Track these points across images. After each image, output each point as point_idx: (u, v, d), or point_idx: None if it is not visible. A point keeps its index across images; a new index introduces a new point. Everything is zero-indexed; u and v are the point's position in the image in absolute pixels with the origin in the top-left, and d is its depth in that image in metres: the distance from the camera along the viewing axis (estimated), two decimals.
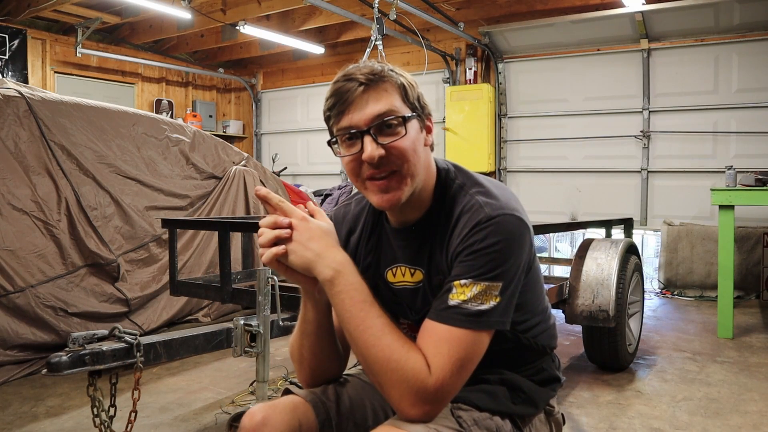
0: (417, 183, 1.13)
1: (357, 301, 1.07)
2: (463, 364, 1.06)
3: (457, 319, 1.06)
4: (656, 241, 7.02)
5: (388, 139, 1.09)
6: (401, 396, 1.04)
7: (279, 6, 6.60)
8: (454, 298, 1.07)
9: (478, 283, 1.07)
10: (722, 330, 4.25)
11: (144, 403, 2.72)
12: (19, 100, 3.62)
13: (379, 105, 1.09)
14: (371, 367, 1.07)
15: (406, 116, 1.10)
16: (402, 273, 1.24)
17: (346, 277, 1.08)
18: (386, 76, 1.11)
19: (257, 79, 9.61)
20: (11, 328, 3.30)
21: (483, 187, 1.17)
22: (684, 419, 2.76)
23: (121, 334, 1.54)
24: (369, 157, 1.07)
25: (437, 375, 1.04)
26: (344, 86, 1.09)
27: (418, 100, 1.15)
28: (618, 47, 6.66)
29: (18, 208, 3.48)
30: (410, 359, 1.05)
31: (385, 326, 1.07)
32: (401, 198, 1.11)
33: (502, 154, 7.48)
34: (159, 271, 4.23)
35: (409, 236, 1.22)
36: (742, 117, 6.07)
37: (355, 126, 1.09)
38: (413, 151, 1.11)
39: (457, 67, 7.65)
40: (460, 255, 1.10)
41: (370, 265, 1.28)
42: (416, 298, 1.22)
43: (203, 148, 4.78)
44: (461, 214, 1.14)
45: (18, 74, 7.07)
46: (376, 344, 1.06)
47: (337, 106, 1.10)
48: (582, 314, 3.15)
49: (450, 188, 1.19)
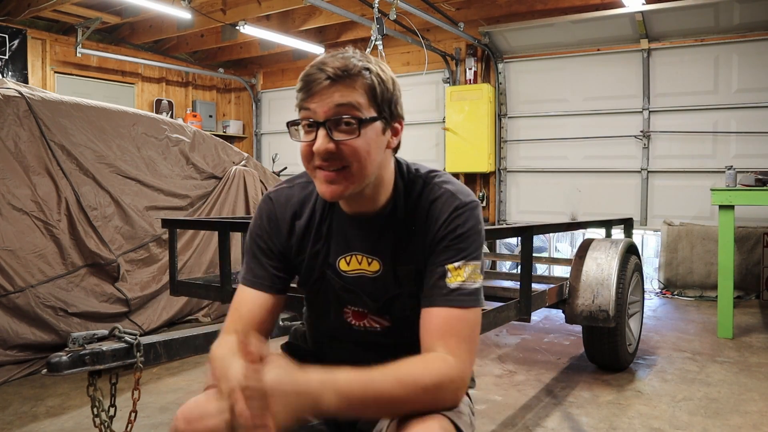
0: (367, 181, 1.14)
1: (360, 381, 1.01)
2: (474, 339, 1.13)
3: (463, 300, 1.13)
4: (656, 241, 7.02)
5: (342, 136, 1.09)
6: (443, 402, 1.06)
7: (279, 6, 6.60)
8: (453, 281, 1.13)
9: (469, 264, 1.15)
10: (722, 330, 4.25)
11: (144, 403, 2.72)
12: (19, 100, 3.62)
13: (341, 99, 1.08)
14: (405, 408, 1.03)
15: (363, 118, 1.09)
16: (358, 261, 1.24)
17: (340, 381, 1.00)
18: (357, 75, 1.09)
19: (257, 79, 9.61)
20: (11, 328, 3.30)
21: (442, 178, 1.24)
22: (684, 419, 2.76)
23: (121, 334, 1.53)
24: (317, 150, 1.09)
25: (461, 358, 1.09)
26: (314, 75, 1.09)
27: (389, 103, 1.14)
28: (618, 47, 6.66)
29: (18, 208, 3.48)
30: (427, 368, 1.06)
31: (382, 369, 1.04)
32: (344, 193, 1.12)
33: (502, 154, 7.48)
34: (159, 271, 4.23)
35: (368, 226, 1.23)
36: (742, 117, 6.07)
37: (314, 116, 1.09)
38: (366, 152, 1.11)
39: (457, 67, 7.65)
40: (445, 240, 1.16)
41: (319, 252, 1.26)
42: (375, 286, 1.24)
43: (203, 148, 4.78)
44: (433, 203, 1.19)
45: (18, 74, 7.07)
46: (392, 387, 1.02)
47: (303, 92, 1.10)
48: (582, 314, 3.15)
49: (414, 182, 1.24)
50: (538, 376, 3.43)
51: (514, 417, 2.81)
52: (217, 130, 9.38)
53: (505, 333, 4.43)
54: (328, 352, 1.38)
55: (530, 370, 3.53)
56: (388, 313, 1.27)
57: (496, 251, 6.69)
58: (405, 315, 1.25)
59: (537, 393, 3.14)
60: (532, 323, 4.59)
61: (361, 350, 1.32)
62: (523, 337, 4.32)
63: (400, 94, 1.18)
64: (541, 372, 3.50)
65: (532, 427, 2.69)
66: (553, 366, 3.62)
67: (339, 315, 1.30)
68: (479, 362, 3.68)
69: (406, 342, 1.30)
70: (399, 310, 1.26)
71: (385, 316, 1.27)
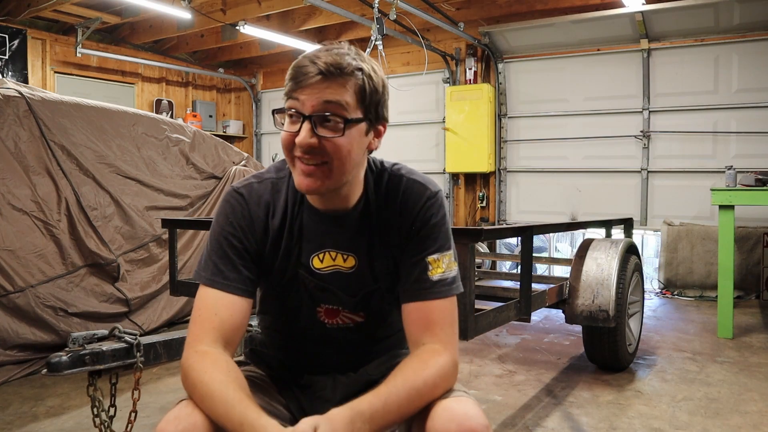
0: (344, 179, 1.15)
1: (380, 402, 1.05)
2: (455, 323, 1.20)
3: (446, 290, 1.18)
4: (656, 241, 7.02)
5: (326, 132, 1.09)
6: (444, 389, 1.12)
7: (279, 6, 6.60)
8: (434, 274, 1.18)
9: (445, 254, 1.20)
10: (722, 330, 4.25)
11: (144, 403, 2.72)
12: (19, 100, 3.62)
13: (330, 97, 1.08)
14: (422, 406, 1.09)
15: (348, 119, 1.10)
16: (332, 258, 1.24)
17: (364, 410, 1.03)
18: (349, 74, 1.09)
19: (257, 79, 9.61)
20: (11, 328, 3.30)
21: (406, 169, 1.26)
22: (684, 419, 2.76)
23: (121, 334, 1.53)
24: (300, 142, 1.09)
25: (450, 344, 1.15)
26: (306, 68, 1.08)
27: (376, 105, 1.14)
28: (618, 47, 6.66)
29: (18, 208, 3.48)
30: (427, 365, 1.10)
31: (392, 383, 1.08)
32: (320, 188, 1.13)
33: (502, 154, 7.48)
34: (159, 271, 4.23)
35: (342, 223, 1.23)
36: (742, 117, 6.07)
37: (300, 108, 1.09)
38: (347, 152, 1.11)
39: (457, 67, 7.65)
40: (421, 230, 1.19)
41: (291, 252, 1.24)
42: (351, 282, 1.24)
43: (203, 148, 4.78)
44: (404, 194, 1.22)
45: (18, 74, 7.07)
46: (408, 395, 1.07)
47: (293, 82, 1.10)
48: (582, 314, 3.15)
49: (381, 175, 1.25)
50: (538, 376, 3.43)
51: (514, 417, 2.81)
52: (217, 130, 9.38)
53: (505, 333, 4.43)
54: (297, 354, 1.35)
55: (530, 370, 3.53)
56: (365, 308, 1.27)
57: (496, 251, 6.69)
58: (381, 309, 1.27)
59: (537, 393, 3.14)
60: (532, 323, 4.59)
61: (332, 348, 1.31)
62: (523, 337, 4.32)
63: (388, 97, 1.18)
64: (541, 372, 3.50)
65: (532, 427, 2.69)
66: (553, 366, 3.62)
67: (311, 314, 1.28)
68: (479, 362, 3.68)
69: (379, 336, 1.32)
70: (376, 305, 1.27)
71: (360, 312, 1.27)
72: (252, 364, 1.40)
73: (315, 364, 1.33)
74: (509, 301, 2.61)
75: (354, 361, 1.33)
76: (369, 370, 1.34)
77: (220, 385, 1.03)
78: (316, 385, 1.33)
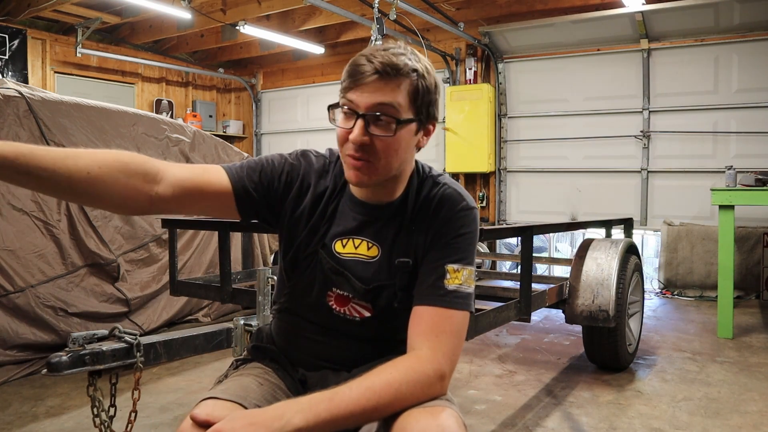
0: (390, 174, 1.19)
1: (325, 397, 1.03)
2: (459, 339, 1.16)
3: (458, 303, 1.16)
4: (656, 241, 7.02)
5: (378, 131, 1.12)
6: (425, 395, 1.08)
7: (279, 6, 6.60)
8: (451, 283, 1.16)
9: (466, 268, 1.19)
10: (722, 330, 4.25)
11: (144, 403, 2.72)
12: (19, 100, 3.62)
13: (384, 98, 1.11)
14: (386, 410, 1.05)
15: (401, 119, 1.13)
16: (355, 245, 1.26)
17: (302, 401, 1.02)
18: (404, 74, 1.12)
19: (257, 79, 9.61)
20: (11, 328, 3.30)
21: (448, 180, 1.28)
22: (684, 419, 2.76)
23: (121, 334, 1.53)
24: (353, 139, 1.12)
25: (439, 352, 1.11)
26: (362, 66, 1.11)
27: (428, 106, 1.18)
28: (618, 47, 6.66)
29: (18, 208, 3.48)
30: (396, 368, 1.08)
31: (351, 381, 1.06)
32: (368, 182, 1.17)
33: (502, 154, 7.48)
34: (159, 271, 4.23)
35: (377, 214, 1.25)
36: (742, 117, 6.07)
37: (355, 106, 1.12)
38: (395, 151, 1.15)
39: (457, 67, 7.65)
40: (446, 236, 1.20)
41: (317, 230, 1.26)
42: (368, 270, 1.25)
43: (203, 148, 4.78)
44: (440, 201, 1.23)
45: (18, 74, 7.07)
46: (375, 394, 1.04)
47: (349, 80, 1.13)
48: (582, 314, 3.15)
49: (425, 180, 1.28)
50: (538, 376, 3.43)
51: (514, 417, 2.81)
52: (217, 130, 9.38)
53: (505, 333, 4.43)
54: (297, 339, 1.35)
55: (530, 370, 3.53)
56: (374, 301, 1.26)
57: (496, 251, 6.69)
58: (390, 306, 1.26)
59: (537, 393, 3.14)
60: (532, 323, 4.59)
61: (333, 339, 1.30)
62: (523, 337, 4.32)
63: (439, 96, 1.22)
64: (541, 372, 3.50)
65: (532, 427, 2.69)
66: (553, 366, 3.62)
67: (322, 296, 1.28)
68: (479, 362, 3.68)
69: (380, 338, 1.30)
70: (386, 300, 1.26)
71: (369, 304, 1.27)
72: (255, 361, 1.40)
73: (311, 354, 1.33)
74: (509, 301, 2.61)
75: (350, 359, 1.31)
76: (362, 372, 1.33)
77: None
78: (309, 381, 1.33)
